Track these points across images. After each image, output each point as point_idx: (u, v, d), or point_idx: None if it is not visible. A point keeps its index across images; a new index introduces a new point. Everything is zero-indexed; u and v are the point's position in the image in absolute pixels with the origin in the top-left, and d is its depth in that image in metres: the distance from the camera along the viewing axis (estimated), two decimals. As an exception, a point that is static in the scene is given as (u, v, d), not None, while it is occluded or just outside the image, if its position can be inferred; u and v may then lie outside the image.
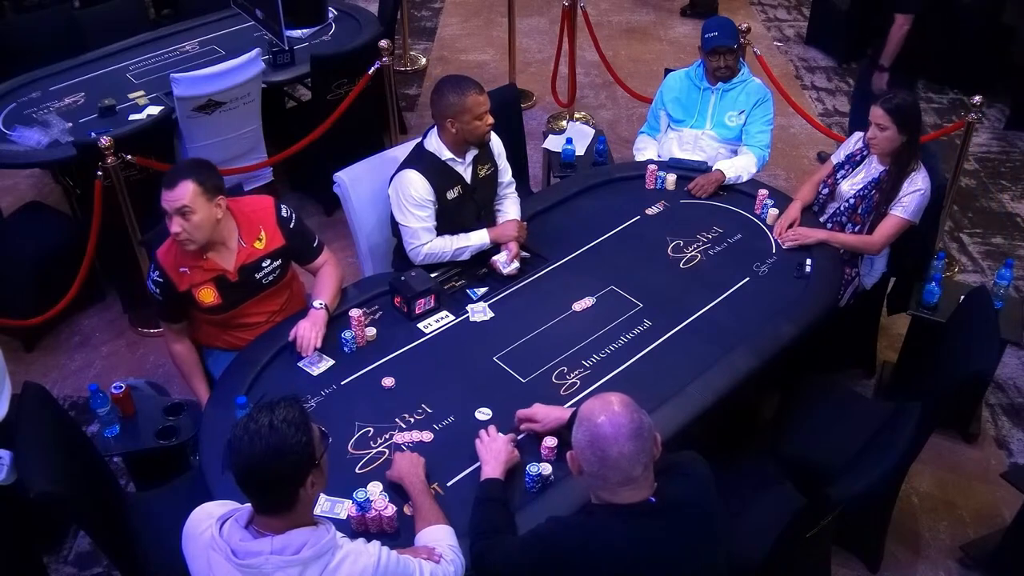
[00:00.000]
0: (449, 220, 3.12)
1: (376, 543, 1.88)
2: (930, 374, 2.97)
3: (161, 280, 2.76)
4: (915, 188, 3.22)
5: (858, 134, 3.42)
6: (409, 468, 2.28)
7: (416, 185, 3.01)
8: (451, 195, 3.10)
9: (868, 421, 2.87)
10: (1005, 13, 5.89)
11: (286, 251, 2.89)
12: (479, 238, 3.13)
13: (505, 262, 3.09)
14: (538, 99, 5.95)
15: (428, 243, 3.08)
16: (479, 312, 2.93)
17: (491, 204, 3.29)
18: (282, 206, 2.92)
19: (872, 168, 3.33)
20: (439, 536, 2.08)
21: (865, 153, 3.37)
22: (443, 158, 3.06)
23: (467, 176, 3.13)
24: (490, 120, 3.05)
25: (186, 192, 2.58)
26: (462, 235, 3.13)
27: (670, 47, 6.66)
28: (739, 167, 3.56)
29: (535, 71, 6.25)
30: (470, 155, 3.11)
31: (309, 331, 2.73)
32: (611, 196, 3.55)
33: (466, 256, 3.13)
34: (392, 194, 3.09)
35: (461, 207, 3.15)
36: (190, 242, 2.66)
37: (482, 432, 2.40)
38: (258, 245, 2.82)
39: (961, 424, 3.55)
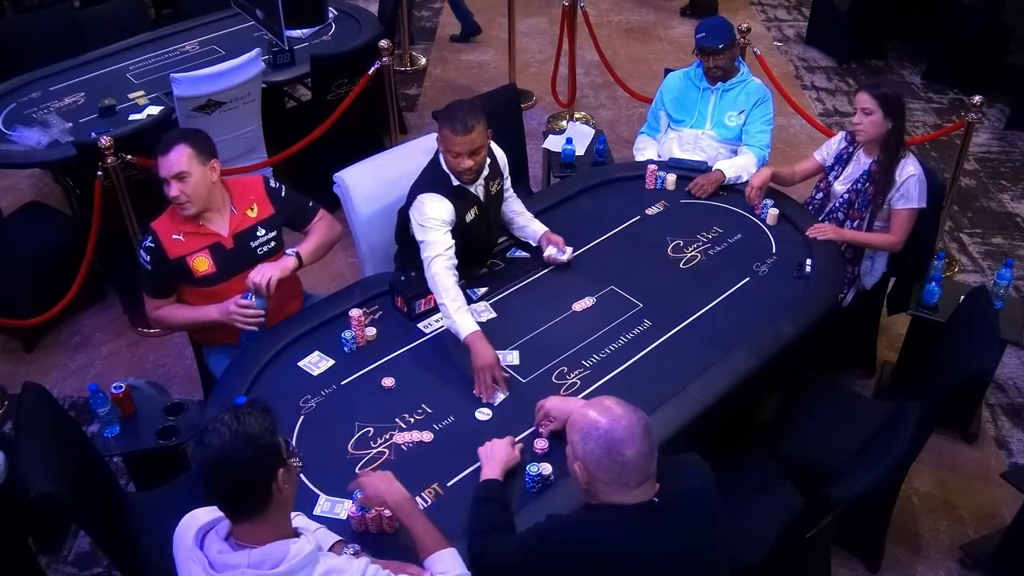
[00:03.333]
0: (461, 240, 2.89)
1: (363, 560, 1.82)
2: (930, 374, 2.97)
3: (152, 246, 2.78)
4: (908, 174, 3.24)
5: (842, 132, 3.46)
6: (386, 486, 2.11)
7: (443, 211, 2.82)
8: (469, 217, 2.95)
9: (868, 421, 2.86)
10: (1005, 13, 5.90)
11: (277, 220, 2.96)
12: (462, 324, 2.66)
13: (559, 251, 3.08)
14: (538, 99, 5.96)
15: (439, 263, 2.76)
16: (479, 312, 2.92)
17: (499, 218, 3.19)
18: (270, 179, 3.02)
19: (861, 162, 3.35)
20: (448, 567, 1.97)
21: (851, 150, 3.38)
22: (453, 184, 2.87)
23: (481, 196, 2.98)
24: (466, 163, 2.78)
25: (181, 156, 2.68)
26: (462, 304, 2.73)
27: (670, 47, 6.66)
28: (739, 167, 3.56)
29: (535, 71, 6.25)
30: (482, 176, 2.94)
31: (268, 269, 2.77)
32: (611, 196, 3.55)
33: (443, 316, 2.76)
34: (415, 215, 2.85)
35: (475, 227, 3.01)
36: (189, 204, 2.74)
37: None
38: (251, 214, 2.91)
39: (961, 424, 3.55)
